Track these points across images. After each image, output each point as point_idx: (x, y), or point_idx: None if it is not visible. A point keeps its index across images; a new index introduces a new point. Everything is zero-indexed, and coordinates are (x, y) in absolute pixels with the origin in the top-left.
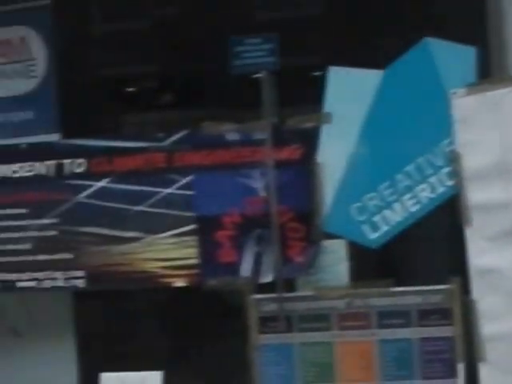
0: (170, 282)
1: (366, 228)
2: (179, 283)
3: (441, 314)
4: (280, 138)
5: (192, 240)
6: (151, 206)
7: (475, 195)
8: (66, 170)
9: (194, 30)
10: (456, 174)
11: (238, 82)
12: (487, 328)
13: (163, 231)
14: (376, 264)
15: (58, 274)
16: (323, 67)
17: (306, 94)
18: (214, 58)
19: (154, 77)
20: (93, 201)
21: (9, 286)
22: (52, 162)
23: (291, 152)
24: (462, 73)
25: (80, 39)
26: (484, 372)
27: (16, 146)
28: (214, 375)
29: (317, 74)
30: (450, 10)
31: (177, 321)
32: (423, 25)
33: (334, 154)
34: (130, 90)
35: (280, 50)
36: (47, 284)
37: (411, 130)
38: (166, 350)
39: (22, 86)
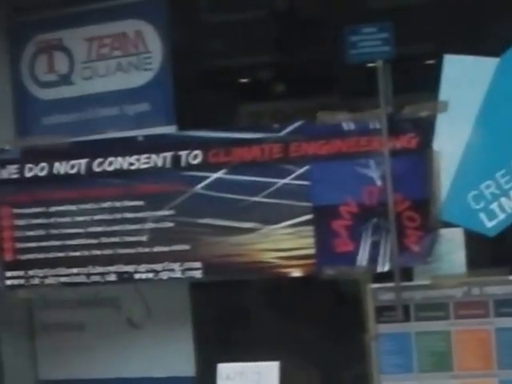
0: (287, 272)
1: (482, 216)
2: (295, 273)
3: None
4: (396, 127)
5: (308, 230)
6: (267, 196)
7: None
8: (183, 161)
9: (308, 19)
10: None
11: (352, 71)
12: None
13: (279, 221)
14: (492, 252)
15: (176, 266)
16: (438, 55)
17: (420, 82)
18: (328, 48)
19: (269, 67)
20: (209, 192)
21: (126, 277)
22: (168, 154)
23: (407, 141)
24: None
25: (194, 31)
26: None
27: (132, 138)
28: (330, 364)
29: (431, 62)
30: None
31: (292, 310)
32: None
33: (450, 142)
34: (244, 80)
35: (394, 38)
36: (165, 275)
37: None
38: (281, 339)
39: (138, 78)
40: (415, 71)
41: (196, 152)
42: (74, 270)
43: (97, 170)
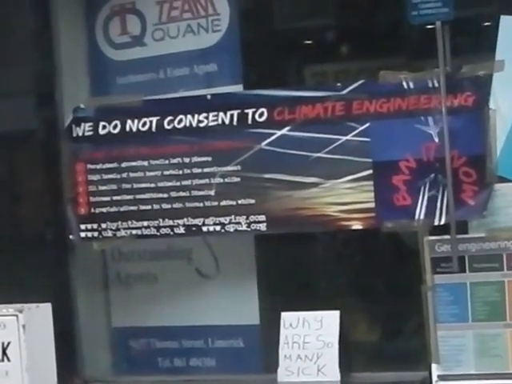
0: (348, 225)
1: None
2: (357, 226)
3: None
4: (454, 86)
5: (369, 185)
6: (330, 152)
7: None
8: (249, 119)
9: None
10: None
11: (415, 32)
12: None
13: (341, 176)
14: None
15: (241, 219)
16: (496, 17)
17: (478, 43)
18: (391, 10)
19: (332, 29)
20: (274, 148)
21: (194, 230)
22: (235, 112)
23: (464, 99)
24: None
25: None
26: None
27: (201, 97)
28: (390, 314)
29: (489, 23)
30: None
31: (353, 262)
32: None
33: (506, 100)
34: (309, 42)
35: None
36: (231, 228)
37: None
38: (343, 290)
39: (207, 40)
40: (474, 32)
41: (261, 110)
42: (145, 223)
43: (167, 127)
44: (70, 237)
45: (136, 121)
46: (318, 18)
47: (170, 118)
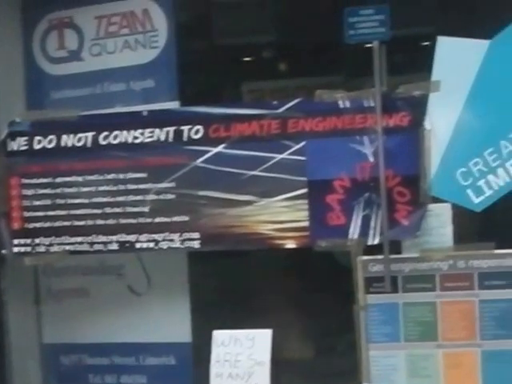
0: (282, 244)
1: (470, 192)
2: (290, 245)
3: None
4: (389, 106)
5: (303, 203)
6: (265, 170)
7: None
8: (185, 136)
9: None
10: None
11: (353, 51)
12: None
13: (276, 195)
14: (478, 227)
15: (175, 236)
16: (433, 37)
17: (416, 62)
18: (328, 29)
19: (271, 46)
20: (209, 166)
21: (128, 246)
22: (171, 129)
23: (400, 119)
24: None
25: (199, 10)
26: None
27: (137, 113)
28: (322, 333)
29: (426, 43)
30: None
31: (288, 280)
32: None
33: (441, 120)
34: (247, 59)
35: (391, 20)
36: (164, 245)
37: None
38: (277, 308)
39: (144, 55)
40: (411, 52)
41: (197, 127)
42: (78, 239)
43: (102, 142)
44: (3, 251)
45: (71, 136)
46: (256, 36)
47: (105, 133)
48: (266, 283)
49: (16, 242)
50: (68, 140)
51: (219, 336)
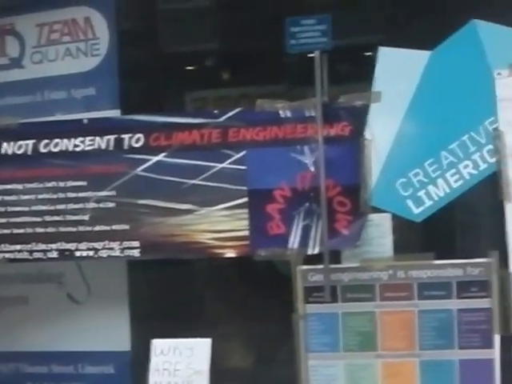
0: (222, 253)
1: (410, 203)
2: (230, 254)
3: (479, 287)
4: (330, 116)
5: (243, 213)
6: (205, 179)
7: None
8: (125, 144)
9: (255, 8)
10: (498, 151)
11: (295, 60)
12: None
13: (216, 204)
14: (418, 238)
15: (115, 244)
16: (375, 48)
17: (358, 73)
18: (271, 37)
19: (215, 55)
20: (149, 174)
21: (68, 254)
22: (112, 137)
23: (341, 129)
24: (508, 54)
25: (142, 18)
26: None
27: (78, 121)
28: (262, 343)
29: (368, 54)
30: None
31: (229, 288)
32: (471, 7)
33: (382, 131)
34: (191, 67)
35: (333, 29)
36: (104, 253)
37: (456, 109)
38: (217, 317)
39: (86, 63)
40: (353, 63)
41: (138, 135)
42: (18, 247)
43: (43, 150)
44: None
45: (12, 143)
46: (200, 44)
47: (46, 141)
48: (207, 292)
49: None
50: (8, 148)
51: (158, 345)
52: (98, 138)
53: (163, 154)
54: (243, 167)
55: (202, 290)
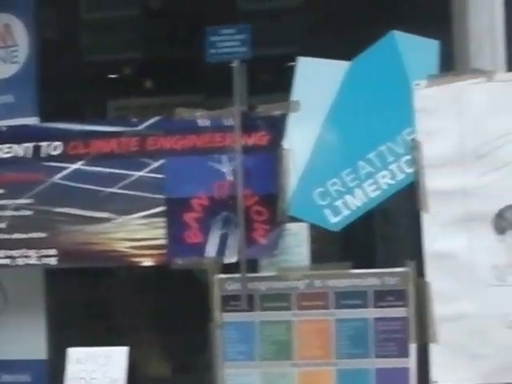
0: (139, 262)
1: (327, 212)
2: (147, 262)
3: (396, 296)
4: (249, 125)
5: (161, 221)
6: (123, 188)
7: (433, 182)
8: (43, 152)
9: (177, 18)
10: (415, 162)
11: (215, 69)
12: (440, 310)
13: (134, 212)
14: (335, 247)
15: (32, 252)
16: (294, 58)
17: (278, 82)
18: (192, 46)
19: (137, 64)
20: (67, 182)
21: None
22: (29, 145)
23: (259, 138)
24: (426, 65)
25: (64, 26)
26: (435, 352)
27: None
28: (181, 352)
29: (287, 64)
30: (415, 4)
31: (148, 297)
32: (390, 18)
33: (300, 141)
34: (113, 76)
35: (255, 39)
36: (21, 262)
37: (374, 119)
38: (136, 325)
39: (4, 70)
40: (272, 72)
41: (56, 143)
42: None
43: None
44: None
45: None
46: (122, 53)
47: None
48: (126, 301)
49: None
50: None
51: (74, 353)
52: (15, 146)
53: (81, 162)
54: (161, 176)
55: (120, 298)
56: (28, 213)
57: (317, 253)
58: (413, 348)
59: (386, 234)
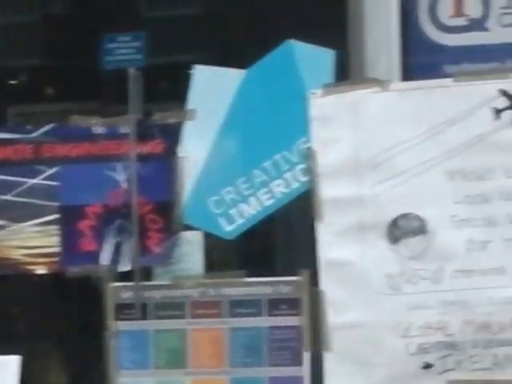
0: (33, 269)
1: (222, 220)
2: (41, 270)
3: (290, 304)
4: (144, 133)
5: (55, 229)
6: (17, 195)
7: (328, 191)
8: None
9: (78, 25)
10: (310, 171)
11: (113, 77)
12: (334, 318)
13: (28, 220)
14: (230, 255)
15: None
16: (191, 66)
17: (175, 90)
18: (91, 53)
19: (37, 70)
20: None
21: None
22: None
23: (154, 146)
24: (322, 74)
25: None
26: (328, 361)
27: None
28: (76, 361)
29: (184, 72)
30: (311, 13)
31: (44, 305)
32: (287, 27)
33: (196, 149)
34: (13, 82)
35: (154, 47)
36: None
37: (270, 127)
38: (29, 334)
39: None
40: (169, 80)
41: None
42: None
43: None
44: None
45: None
46: (22, 59)
47: None
48: (20, 308)
49: None
50: None
51: None
52: None
53: None
54: (56, 183)
55: (15, 306)
56: None
57: (213, 261)
58: (306, 356)
59: (287, 243)
